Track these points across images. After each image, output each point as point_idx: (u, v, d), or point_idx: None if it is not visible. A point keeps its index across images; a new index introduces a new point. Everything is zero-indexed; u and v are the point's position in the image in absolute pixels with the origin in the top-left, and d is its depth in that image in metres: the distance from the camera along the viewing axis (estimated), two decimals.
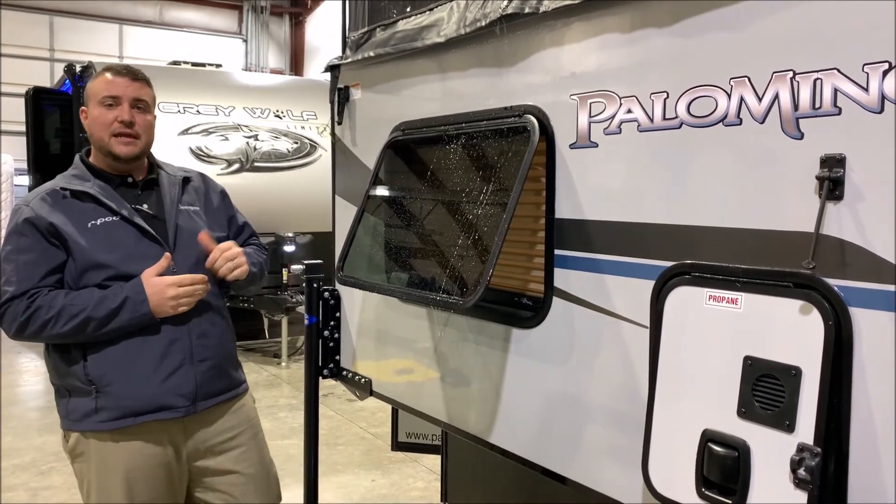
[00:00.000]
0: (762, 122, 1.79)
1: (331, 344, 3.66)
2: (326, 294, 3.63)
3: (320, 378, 3.66)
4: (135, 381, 2.82)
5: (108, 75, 2.92)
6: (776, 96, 1.75)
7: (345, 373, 3.65)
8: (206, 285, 2.93)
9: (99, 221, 2.83)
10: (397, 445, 4.43)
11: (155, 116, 3.04)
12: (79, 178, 2.91)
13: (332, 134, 3.73)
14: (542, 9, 2.36)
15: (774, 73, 1.76)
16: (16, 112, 15.40)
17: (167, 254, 2.87)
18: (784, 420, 1.69)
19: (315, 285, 3.59)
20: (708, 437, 1.85)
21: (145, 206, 2.96)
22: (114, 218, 2.85)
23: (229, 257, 2.97)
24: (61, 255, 2.78)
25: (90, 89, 2.92)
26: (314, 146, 11.44)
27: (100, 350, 2.80)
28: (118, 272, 2.81)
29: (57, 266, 2.78)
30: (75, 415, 2.86)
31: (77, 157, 3.01)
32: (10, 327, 2.77)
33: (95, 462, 2.87)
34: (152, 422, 2.86)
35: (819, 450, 1.62)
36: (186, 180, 3.14)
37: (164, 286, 2.80)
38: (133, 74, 2.94)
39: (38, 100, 11.69)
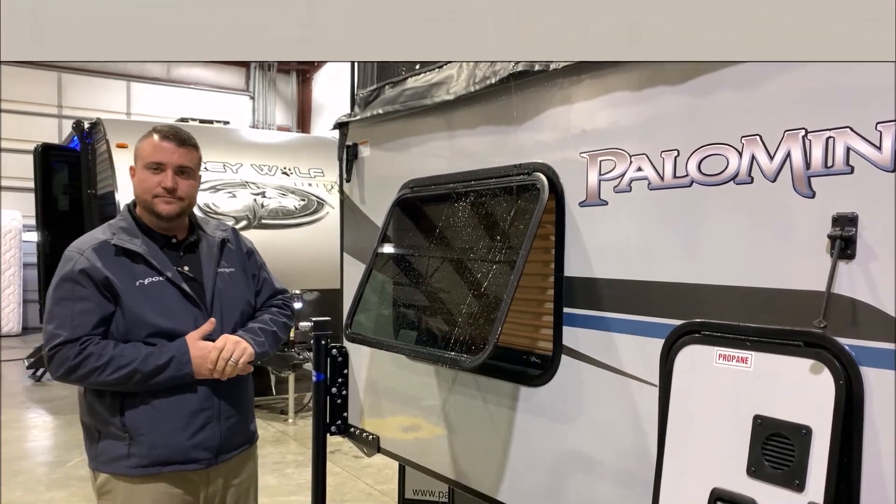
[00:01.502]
0: (774, 181, 1.79)
1: (338, 401, 3.65)
2: (334, 351, 3.62)
3: (328, 435, 3.64)
4: (167, 433, 2.92)
5: (156, 138, 3.00)
6: (788, 154, 1.76)
7: (352, 430, 3.62)
8: (247, 356, 3.00)
9: (147, 281, 2.94)
10: (404, 502, 4.40)
11: (200, 177, 3.15)
12: (127, 232, 3.01)
13: (341, 191, 3.75)
14: (552, 66, 2.38)
15: (786, 131, 1.76)
16: (24, 168, 15.49)
17: (212, 319, 2.99)
18: (794, 479, 1.68)
19: (323, 342, 3.58)
20: (717, 496, 1.83)
21: (186, 269, 3.07)
22: (160, 278, 2.97)
23: (226, 357, 2.97)
24: (112, 307, 2.90)
25: (139, 149, 3.02)
26: (321, 203, 11.46)
27: (136, 401, 2.91)
28: (161, 330, 2.92)
29: (107, 317, 2.89)
30: (104, 457, 2.95)
31: (125, 208, 3.12)
32: (57, 370, 2.87)
33: (122, 501, 2.95)
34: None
35: None
36: (224, 242, 3.23)
37: (207, 351, 2.92)
38: (180, 140, 3.02)
39: (46, 156, 11.79)
